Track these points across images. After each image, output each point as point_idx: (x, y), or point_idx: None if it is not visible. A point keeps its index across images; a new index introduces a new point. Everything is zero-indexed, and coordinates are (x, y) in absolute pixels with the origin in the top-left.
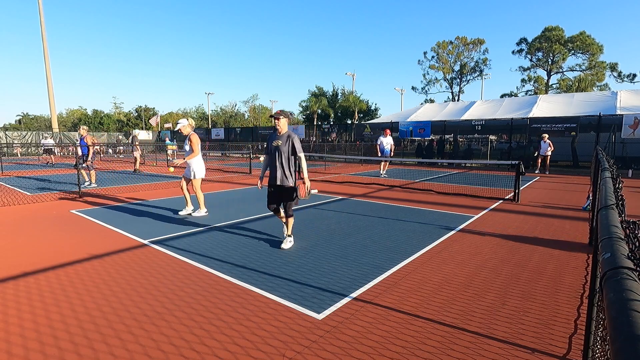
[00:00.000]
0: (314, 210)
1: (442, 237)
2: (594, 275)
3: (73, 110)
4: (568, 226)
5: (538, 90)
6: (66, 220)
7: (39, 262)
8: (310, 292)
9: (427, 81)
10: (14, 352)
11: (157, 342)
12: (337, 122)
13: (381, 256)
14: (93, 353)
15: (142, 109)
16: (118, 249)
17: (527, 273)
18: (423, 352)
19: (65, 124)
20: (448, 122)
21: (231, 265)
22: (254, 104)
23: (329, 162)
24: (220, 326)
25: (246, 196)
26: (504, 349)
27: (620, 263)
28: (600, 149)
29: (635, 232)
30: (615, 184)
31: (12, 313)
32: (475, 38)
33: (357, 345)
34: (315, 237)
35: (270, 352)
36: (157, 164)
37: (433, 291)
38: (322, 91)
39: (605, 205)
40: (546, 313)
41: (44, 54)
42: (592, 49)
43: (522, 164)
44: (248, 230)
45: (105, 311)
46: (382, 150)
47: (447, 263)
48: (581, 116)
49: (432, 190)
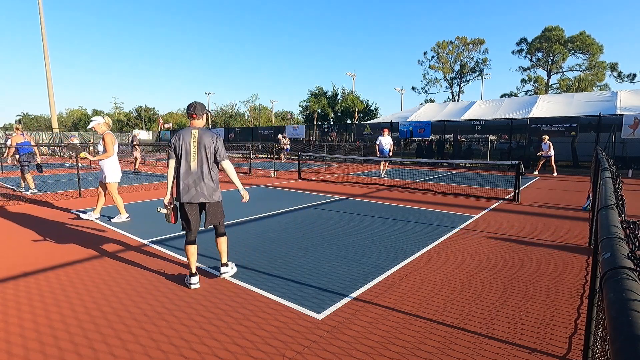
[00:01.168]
0: (314, 210)
1: (442, 237)
2: (594, 275)
3: (73, 110)
4: (568, 226)
5: (538, 90)
6: (66, 220)
7: (39, 262)
8: (310, 292)
9: (427, 81)
10: (14, 352)
11: (157, 342)
12: (337, 122)
13: (381, 256)
14: (93, 353)
15: (142, 109)
16: (118, 249)
17: (527, 273)
18: (423, 352)
19: (65, 124)
20: (448, 122)
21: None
22: (254, 104)
23: (329, 162)
24: (220, 326)
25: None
26: (504, 349)
27: (620, 263)
28: (600, 149)
29: (635, 232)
30: (615, 184)
31: (12, 313)
32: (475, 38)
33: (357, 345)
34: (315, 237)
35: (270, 352)
36: (157, 163)
37: (433, 291)
38: (322, 91)
39: (605, 205)
40: (546, 313)
41: (44, 54)
42: (592, 49)
43: (522, 164)
44: (248, 230)
45: (105, 311)
46: (382, 151)
47: (447, 263)
48: (581, 116)
49: (432, 190)
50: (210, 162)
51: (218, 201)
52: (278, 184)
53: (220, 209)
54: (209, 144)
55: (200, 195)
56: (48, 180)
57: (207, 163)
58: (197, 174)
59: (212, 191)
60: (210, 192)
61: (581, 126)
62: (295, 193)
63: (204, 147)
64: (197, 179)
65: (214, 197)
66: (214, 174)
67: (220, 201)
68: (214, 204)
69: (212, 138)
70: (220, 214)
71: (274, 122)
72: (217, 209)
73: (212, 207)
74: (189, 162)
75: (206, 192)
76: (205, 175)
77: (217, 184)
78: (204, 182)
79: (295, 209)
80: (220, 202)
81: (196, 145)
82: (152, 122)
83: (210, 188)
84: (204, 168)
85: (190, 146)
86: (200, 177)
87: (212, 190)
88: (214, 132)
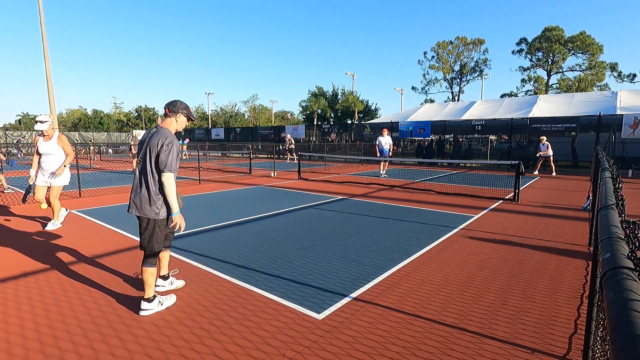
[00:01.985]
0: (314, 211)
1: (442, 237)
2: (594, 275)
3: (73, 110)
4: (568, 226)
5: (538, 90)
6: (66, 220)
7: (39, 262)
8: (310, 292)
9: (427, 81)
10: (14, 352)
11: (157, 342)
12: (337, 122)
13: (381, 256)
14: (93, 353)
15: (142, 109)
16: (118, 249)
17: (527, 273)
18: (423, 352)
19: (65, 124)
20: (448, 122)
21: (231, 265)
22: (254, 104)
23: (329, 162)
24: (220, 326)
25: (246, 196)
26: (504, 349)
27: (620, 263)
28: (600, 149)
29: (635, 232)
30: (615, 184)
31: (12, 313)
32: (475, 38)
33: (357, 345)
34: (315, 237)
35: (271, 352)
36: None
37: (433, 291)
38: (322, 91)
39: (605, 205)
40: (546, 313)
41: (44, 54)
42: (592, 49)
43: (522, 164)
44: (248, 230)
45: (106, 311)
46: (382, 151)
47: (447, 263)
48: (581, 116)
49: (432, 190)
50: (152, 167)
51: (150, 218)
52: (278, 184)
53: (151, 230)
54: (153, 145)
55: (132, 206)
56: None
57: (148, 167)
58: (136, 180)
59: (145, 203)
60: (143, 204)
61: (581, 126)
62: (295, 193)
63: (149, 148)
64: (135, 186)
65: (145, 210)
66: (154, 183)
67: (153, 219)
68: (144, 220)
69: (161, 139)
70: (147, 237)
71: (274, 122)
72: (146, 228)
73: (142, 224)
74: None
75: (137, 204)
76: (142, 183)
77: (157, 196)
78: (139, 190)
79: (295, 209)
80: (154, 222)
81: (145, 145)
82: (152, 122)
83: (144, 199)
84: (143, 173)
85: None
86: (137, 184)
87: (146, 201)
88: (172, 136)
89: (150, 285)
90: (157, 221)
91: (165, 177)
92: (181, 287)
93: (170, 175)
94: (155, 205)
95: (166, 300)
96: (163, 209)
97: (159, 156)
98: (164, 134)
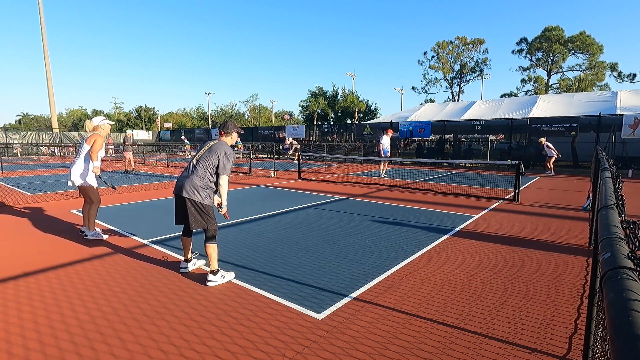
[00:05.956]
0: (314, 210)
1: (442, 237)
2: (594, 275)
3: (73, 111)
4: (568, 226)
5: (538, 90)
6: (66, 220)
7: (39, 262)
8: (310, 292)
9: (427, 81)
10: (14, 352)
11: (157, 342)
12: (337, 122)
13: (381, 256)
14: (93, 353)
15: (142, 109)
16: (118, 249)
17: (527, 273)
18: (423, 352)
19: (65, 124)
20: (448, 122)
21: (231, 266)
22: (254, 104)
23: (329, 162)
24: (220, 326)
25: (246, 196)
26: (504, 349)
27: (620, 263)
28: (600, 149)
29: (635, 232)
30: (615, 184)
31: (12, 313)
32: (475, 38)
33: (357, 345)
34: (315, 237)
35: (271, 352)
36: (157, 163)
37: (433, 291)
38: (322, 91)
39: (605, 205)
40: (546, 313)
41: (44, 54)
42: (592, 49)
43: (522, 164)
44: (248, 230)
45: (106, 311)
46: (385, 151)
47: (447, 263)
48: (581, 116)
49: (432, 190)
50: (209, 165)
51: (198, 201)
52: (278, 184)
53: (201, 213)
54: (214, 151)
55: (182, 188)
56: (48, 180)
57: (204, 164)
58: (190, 169)
59: (196, 188)
60: (193, 189)
61: (581, 126)
62: (295, 193)
63: (211, 152)
64: (189, 174)
65: (193, 195)
66: (208, 178)
67: (200, 203)
68: (192, 203)
69: (225, 150)
70: (206, 220)
71: (274, 122)
72: (195, 211)
73: (191, 206)
74: (192, 160)
75: (188, 187)
76: (197, 173)
77: (207, 187)
78: (191, 178)
79: (295, 209)
80: (202, 206)
81: (207, 149)
82: (152, 122)
83: (196, 185)
84: (198, 167)
85: (202, 149)
86: (191, 172)
87: (197, 187)
88: (231, 151)
89: (214, 259)
90: (204, 205)
91: (223, 178)
92: (202, 265)
93: (226, 177)
94: (204, 192)
95: (227, 275)
96: (208, 198)
97: (219, 161)
98: (225, 146)
